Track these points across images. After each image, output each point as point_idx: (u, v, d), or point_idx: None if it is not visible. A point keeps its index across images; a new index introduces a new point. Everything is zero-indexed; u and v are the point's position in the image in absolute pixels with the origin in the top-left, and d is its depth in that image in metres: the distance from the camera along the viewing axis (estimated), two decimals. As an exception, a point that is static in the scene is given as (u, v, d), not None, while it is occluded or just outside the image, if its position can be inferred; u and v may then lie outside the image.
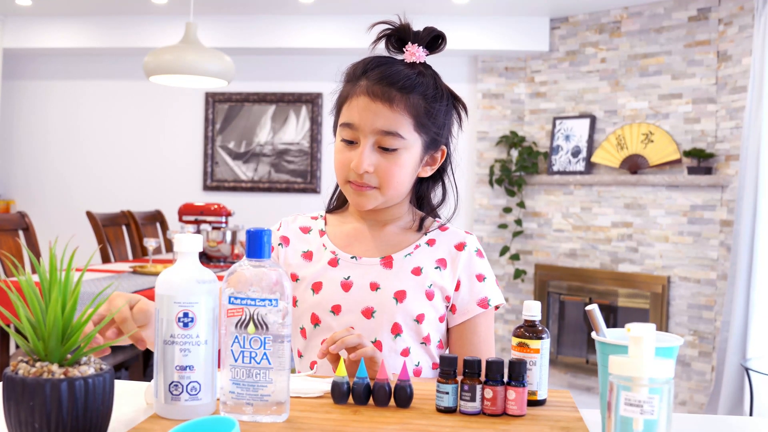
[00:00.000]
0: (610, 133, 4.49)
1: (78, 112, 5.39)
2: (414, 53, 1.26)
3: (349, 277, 1.28)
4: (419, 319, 1.26)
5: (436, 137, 1.28)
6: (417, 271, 1.28)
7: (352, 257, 1.29)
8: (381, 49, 1.30)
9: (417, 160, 1.27)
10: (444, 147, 1.31)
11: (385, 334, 1.25)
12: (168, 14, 4.90)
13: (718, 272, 4.03)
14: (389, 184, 1.25)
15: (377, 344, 1.24)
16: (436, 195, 1.38)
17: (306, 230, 1.36)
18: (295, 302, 1.29)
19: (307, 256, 1.32)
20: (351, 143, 1.24)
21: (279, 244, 1.35)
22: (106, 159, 5.38)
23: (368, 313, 1.25)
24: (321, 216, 1.39)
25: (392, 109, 1.21)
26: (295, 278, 1.31)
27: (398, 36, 1.27)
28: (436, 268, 1.29)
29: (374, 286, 1.27)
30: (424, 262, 1.29)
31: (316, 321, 1.27)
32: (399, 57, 1.27)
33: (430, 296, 1.27)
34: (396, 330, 1.25)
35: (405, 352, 1.26)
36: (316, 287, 1.28)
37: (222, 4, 4.72)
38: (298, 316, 1.30)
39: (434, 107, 1.25)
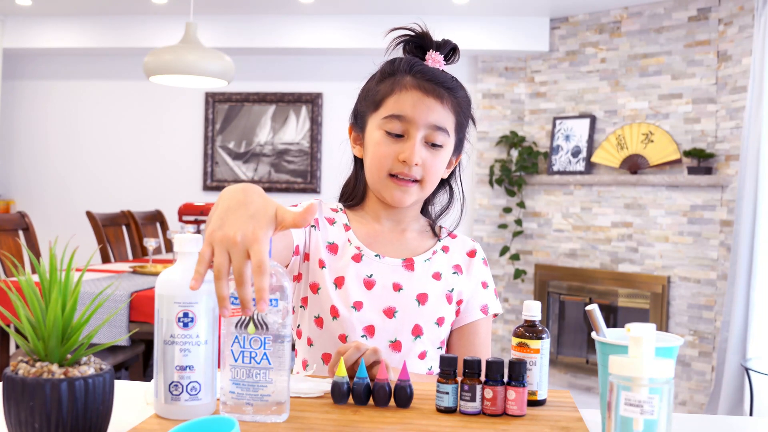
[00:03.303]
0: (610, 133, 4.49)
1: (78, 112, 5.39)
2: (437, 60, 1.27)
3: (371, 275, 1.27)
4: (439, 322, 1.27)
5: (462, 139, 1.32)
6: (437, 276, 1.30)
7: (375, 255, 1.29)
8: (397, 53, 1.31)
9: (448, 160, 1.30)
10: (460, 153, 1.34)
11: (405, 335, 1.25)
12: (168, 14, 4.90)
13: (718, 272, 4.03)
14: (430, 180, 1.26)
15: (396, 344, 1.25)
16: (441, 200, 1.39)
17: (331, 221, 1.33)
18: (316, 289, 1.27)
19: (332, 248, 1.30)
20: (398, 136, 1.24)
21: (312, 226, 1.31)
22: (106, 159, 5.38)
23: (390, 312, 1.25)
24: (341, 209, 1.37)
25: (443, 106, 1.24)
26: (322, 264, 1.28)
27: (418, 43, 1.29)
28: (454, 273, 1.32)
29: (397, 287, 1.27)
30: (443, 267, 1.31)
31: (335, 314, 1.25)
32: None
33: (450, 300, 1.30)
34: (417, 332, 1.26)
35: (422, 355, 1.26)
36: (339, 282, 1.27)
37: (222, 4, 4.72)
38: (318, 303, 1.27)
39: (467, 111, 1.29)
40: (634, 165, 4.32)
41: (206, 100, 5.27)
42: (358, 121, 1.32)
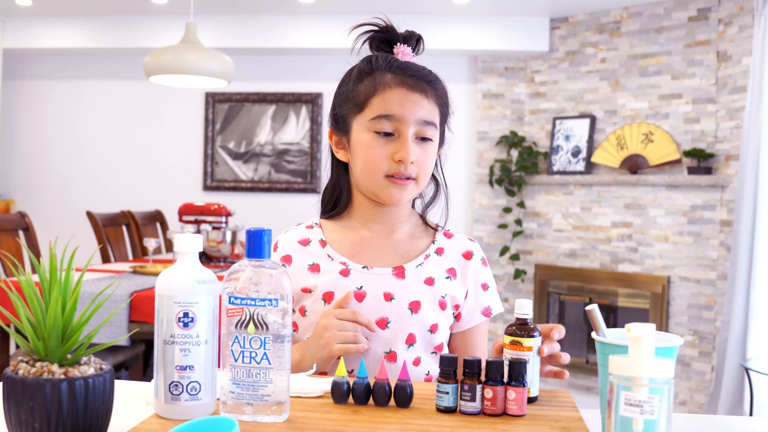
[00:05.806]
0: (610, 133, 4.49)
1: (78, 112, 5.39)
2: (406, 53, 1.27)
3: (361, 287, 1.25)
4: (433, 329, 1.26)
5: (444, 131, 1.31)
6: (429, 282, 1.27)
7: (363, 267, 1.27)
8: (365, 50, 1.30)
9: (437, 153, 1.30)
10: (443, 144, 1.33)
11: (399, 345, 1.24)
12: (168, 14, 4.90)
13: (718, 272, 4.03)
14: (425, 175, 1.26)
15: (392, 355, 1.23)
16: (426, 193, 1.36)
17: (305, 242, 1.32)
18: (303, 312, 1.26)
19: (314, 268, 1.28)
20: (388, 135, 1.22)
21: (282, 266, 1.30)
22: (106, 159, 5.38)
23: (383, 323, 1.23)
24: (316, 224, 1.35)
25: (428, 100, 1.23)
26: (307, 291, 1.27)
27: (384, 38, 1.28)
28: (447, 278, 1.29)
29: (388, 297, 1.24)
30: (435, 272, 1.28)
31: None
32: None
33: (443, 306, 1.27)
34: (410, 340, 1.24)
35: (416, 362, 1.25)
36: (328, 297, 1.25)
37: (222, 4, 4.72)
38: (308, 326, 1.26)
39: (447, 102, 1.29)
40: (634, 165, 4.32)
41: (206, 100, 5.27)
42: (340, 125, 1.30)
